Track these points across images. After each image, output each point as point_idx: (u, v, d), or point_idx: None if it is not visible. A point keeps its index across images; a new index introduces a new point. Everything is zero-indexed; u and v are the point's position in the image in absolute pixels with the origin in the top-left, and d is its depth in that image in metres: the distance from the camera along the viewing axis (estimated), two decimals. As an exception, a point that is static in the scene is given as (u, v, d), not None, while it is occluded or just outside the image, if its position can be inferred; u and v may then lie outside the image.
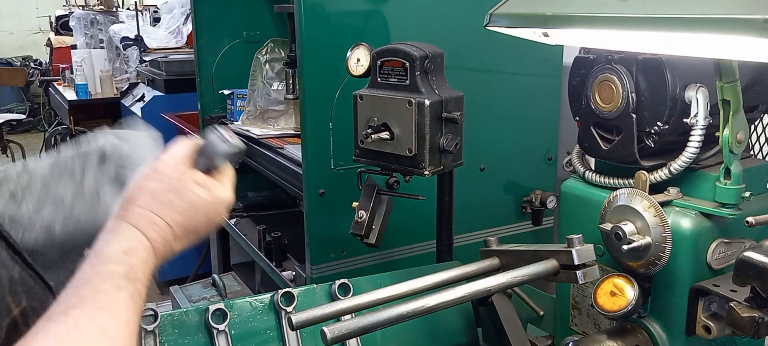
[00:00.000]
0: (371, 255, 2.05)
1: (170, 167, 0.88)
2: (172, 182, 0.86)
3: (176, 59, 4.54)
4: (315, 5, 1.85)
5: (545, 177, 2.38)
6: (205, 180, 0.90)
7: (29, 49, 9.52)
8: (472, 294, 1.13)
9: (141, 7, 5.80)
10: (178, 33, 5.28)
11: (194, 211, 0.87)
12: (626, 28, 0.96)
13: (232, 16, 2.85)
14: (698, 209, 1.20)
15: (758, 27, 0.77)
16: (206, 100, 2.87)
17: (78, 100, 5.57)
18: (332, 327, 0.99)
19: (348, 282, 1.41)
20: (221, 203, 0.91)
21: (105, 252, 0.78)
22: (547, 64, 2.26)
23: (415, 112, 1.37)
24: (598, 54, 1.29)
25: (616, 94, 1.25)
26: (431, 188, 1.61)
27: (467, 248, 2.04)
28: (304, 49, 1.86)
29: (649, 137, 1.23)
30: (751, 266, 1.03)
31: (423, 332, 1.46)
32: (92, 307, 0.70)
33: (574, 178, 1.42)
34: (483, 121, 2.10)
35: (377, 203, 1.51)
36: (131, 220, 0.82)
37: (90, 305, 0.70)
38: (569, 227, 1.36)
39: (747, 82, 1.23)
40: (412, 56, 1.39)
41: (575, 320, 1.44)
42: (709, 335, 1.17)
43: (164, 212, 0.84)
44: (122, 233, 0.81)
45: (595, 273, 1.14)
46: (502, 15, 1.16)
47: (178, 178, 0.87)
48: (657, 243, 1.17)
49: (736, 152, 1.14)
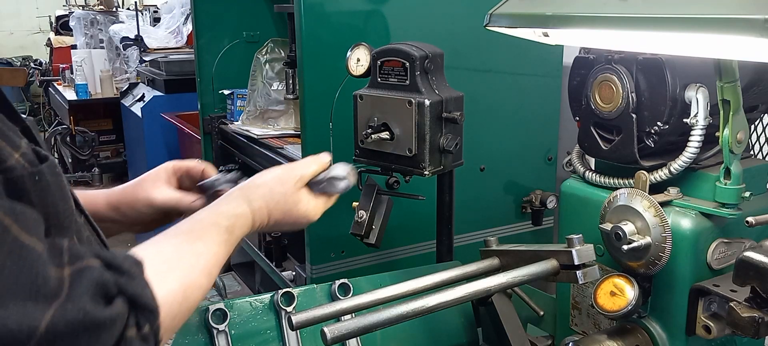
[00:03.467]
0: (371, 255, 2.05)
1: (293, 179, 1.12)
2: (288, 192, 1.10)
3: (176, 59, 4.55)
4: (315, 5, 1.85)
5: (545, 177, 2.38)
6: (310, 200, 1.13)
7: (29, 49, 9.51)
8: (472, 294, 1.13)
9: (141, 7, 5.80)
10: (178, 33, 5.28)
11: (289, 217, 1.11)
12: (626, 28, 0.96)
13: (232, 16, 2.85)
14: (698, 209, 1.20)
15: (758, 27, 0.77)
16: (206, 100, 2.86)
17: (78, 100, 5.58)
18: (332, 327, 0.99)
19: (348, 282, 1.41)
20: (308, 219, 1.14)
21: (222, 209, 1.01)
22: (547, 64, 2.26)
23: (415, 112, 1.37)
24: (598, 54, 1.29)
25: (616, 94, 1.25)
26: (431, 188, 1.61)
27: (467, 248, 2.04)
28: (304, 49, 1.86)
29: (649, 137, 1.23)
30: (751, 266, 1.03)
31: (423, 332, 1.46)
32: (196, 236, 0.91)
33: (574, 178, 1.42)
34: (483, 121, 2.10)
35: (377, 203, 1.51)
36: (248, 200, 1.05)
37: (195, 235, 0.92)
38: (569, 227, 1.36)
39: (747, 82, 1.23)
40: (412, 56, 1.39)
41: (575, 320, 1.44)
42: (709, 335, 1.17)
43: (272, 207, 1.08)
44: (238, 204, 1.04)
45: (595, 273, 1.14)
46: (502, 15, 1.16)
47: (294, 192, 1.11)
48: (657, 243, 1.17)
49: (736, 152, 1.14)
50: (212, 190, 1.21)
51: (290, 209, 1.11)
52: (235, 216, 1.01)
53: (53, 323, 0.57)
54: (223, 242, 0.95)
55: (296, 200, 1.11)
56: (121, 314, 0.64)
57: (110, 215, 1.16)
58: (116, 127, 5.70)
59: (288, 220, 1.11)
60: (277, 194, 1.09)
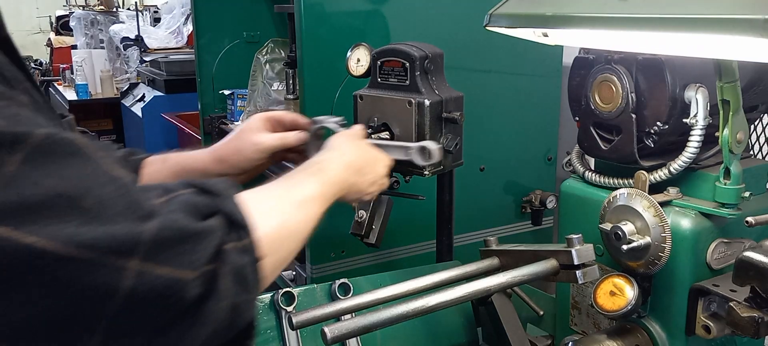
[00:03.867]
0: (371, 255, 2.05)
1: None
2: (371, 150, 1.25)
3: (176, 59, 4.55)
4: (315, 5, 1.85)
5: (545, 177, 2.38)
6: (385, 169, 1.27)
7: (29, 49, 9.50)
8: (472, 294, 1.13)
9: (141, 8, 5.81)
10: (178, 33, 5.28)
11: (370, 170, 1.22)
12: (626, 28, 0.96)
13: (232, 16, 2.85)
14: (698, 209, 1.20)
15: (758, 27, 0.77)
16: (206, 100, 2.86)
17: (78, 100, 5.57)
18: (332, 327, 0.99)
19: (348, 282, 1.41)
20: (381, 179, 1.26)
21: (326, 165, 1.09)
22: (547, 64, 2.26)
23: (415, 113, 1.37)
24: (598, 54, 1.29)
25: (616, 94, 1.25)
26: (431, 188, 1.61)
27: (467, 248, 2.04)
28: (304, 49, 1.86)
29: (648, 137, 1.23)
30: (751, 266, 1.03)
31: (423, 332, 1.46)
32: (287, 178, 0.99)
33: (574, 178, 1.42)
34: (483, 122, 2.11)
35: (377, 203, 1.51)
36: (331, 146, 1.18)
37: (286, 178, 0.99)
38: (569, 227, 1.36)
39: (747, 82, 1.23)
40: (412, 56, 1.39)
41: (575, 319, 1.44)
42: (708, 335, 1.17)
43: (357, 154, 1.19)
44: (325, 151, 1.16)
45: (594, 273, 1.14)
46: (502, 15, 1.16)
47: (377, 153, 1.26)
48: (657, 243, 1.17)
49: (736, 152, 1.14)
50: (319, 125, 1.32)
51: (373, 163, 1.22)
52: (322, 159, 1.10)
53: (156, 233, 0.60)
54: (313, 178, 1.01)
55: (378, 157, 1.25)
56: (216, 227, 0.67)
57: (218, 168, 1.26)
58: (116, 128, 5.70)
59: (368, 174, 1.20)
60: (362, 146, 1.23)
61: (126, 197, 0.61)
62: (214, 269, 0.65)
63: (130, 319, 0.59)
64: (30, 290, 0.53)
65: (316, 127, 1.33)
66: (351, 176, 1.14)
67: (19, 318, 0.53)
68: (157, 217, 0.62)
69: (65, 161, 0.57)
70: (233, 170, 1.27)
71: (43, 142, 0.56)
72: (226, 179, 0.78)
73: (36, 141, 0.55)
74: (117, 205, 0.59)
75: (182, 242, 0.62)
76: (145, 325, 0.60)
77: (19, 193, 0.52)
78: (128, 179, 0.63)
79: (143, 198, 0.63)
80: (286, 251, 0.85)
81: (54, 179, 0.55)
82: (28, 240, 0.52)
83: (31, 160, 0.54)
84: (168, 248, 0.61)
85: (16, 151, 0.53)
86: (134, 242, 0.58)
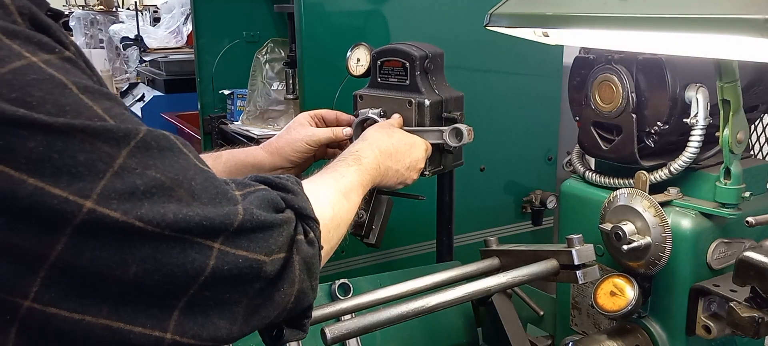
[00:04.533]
0: (371, 255, 2.05)
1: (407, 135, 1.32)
2: (405, 137, 1.30)
3: (176, 59, 4.55)
4: (315, 5, 1.85)
5: (545, 177, 2.38)
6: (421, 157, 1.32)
7: (29, 49, 9.48)
8: (472, 294, 1.13)
9: (141, 7, 5.81)
10: (178, 33, 5.28)
11: (405, 156, 1.26)
12: (626, 28, 0.95)
13: (232, 16, 2.85)
14: (698, 209, 1.20)
15: (758, 27, 0.77)
16: (206, 100, 2.86)
17: (78, 100, 5.56)
18: (332, 327, 0.99)
19: (348, 282, 1.41)
20: (418, 164, 1.31)
21: (361, 153, 1.14)
22: (547, 64, 2.26)
23: (415, 112, 1.37)
24: (598, 54, 1.29)
25: (616, 94, 1.25)
26: (431, 188, 1.61)
27: (467, 248, 2.04)
28: (304, 49, 1.86)
29: (649, 137, 1.23)
30: (751, 266, 1.02)
31: (423, 332, 1.46)
32: (329, 170, 1.05)
33: (574, 178, 1.42)
34: (483, 121, 2.10)
35: (377, 203, 1.51)
36: (364, 137, 1.25)
37: (327, 170, 1.05)
38: (569, 227, 1.36)
39: (747, 82, 1.23)
40: (412, 56, 1.38)
41: (575, 320, 1.44)
42: (709, 335, 1.17)
43: (389, 143, 1.24)
44: (359, 141, 1.22)
45: (595, 273, 1.14)
46: (502, 15, 1.16)
47: (412, 139, 1.31)
48: (657, 243, 1.17)
49: (736, 152, 1.14)
50: (363, 118, 1.39)
51: (408, 148, 1.27)
52: (357, 149, 1.16)
53: (241, 220, 0.68)
54: (352, 168, 1.08)
55: (415, 142, 1.30)
56: (290, 219, 0.76)
57: (271, 161, 1.37)
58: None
59: (404, 158, 1.25)
60: (396, 133, 1.29)
61: (214, 188, 0.68)
62: (287, 256, 0.74)
63: (212, 292, 0.67)
64: (134, 263, 0.61)
65: (359, 120, 1.40)
66: (385, 162, 1.19)
67: (118, 288, 0.61)
68: (240, 204, 0.70)
69: (162, 155, 0.65)
70: (285, 163, 1.38)
71: (144, 138, 0.63)
72: (291, 175, 0.85)
73: (139, 137, 0.63)
74: (207, 193, 0.67)
75: (261, 230, 0.71)
76: (223, 299, 0.68)
77: (126, 182, 0.61)
78: (212, 172, 0.71)
79: (228, 189, 0.71)
80: (336, 239, 0.95)
81: (154, 170, 0.63)
82: (134, 221, 0.60)
83: (136, 154, 0.62)
84: (249, 232, 0.69)
85: (124, 146, 0.62)
86: (223, 226, 0.66)
